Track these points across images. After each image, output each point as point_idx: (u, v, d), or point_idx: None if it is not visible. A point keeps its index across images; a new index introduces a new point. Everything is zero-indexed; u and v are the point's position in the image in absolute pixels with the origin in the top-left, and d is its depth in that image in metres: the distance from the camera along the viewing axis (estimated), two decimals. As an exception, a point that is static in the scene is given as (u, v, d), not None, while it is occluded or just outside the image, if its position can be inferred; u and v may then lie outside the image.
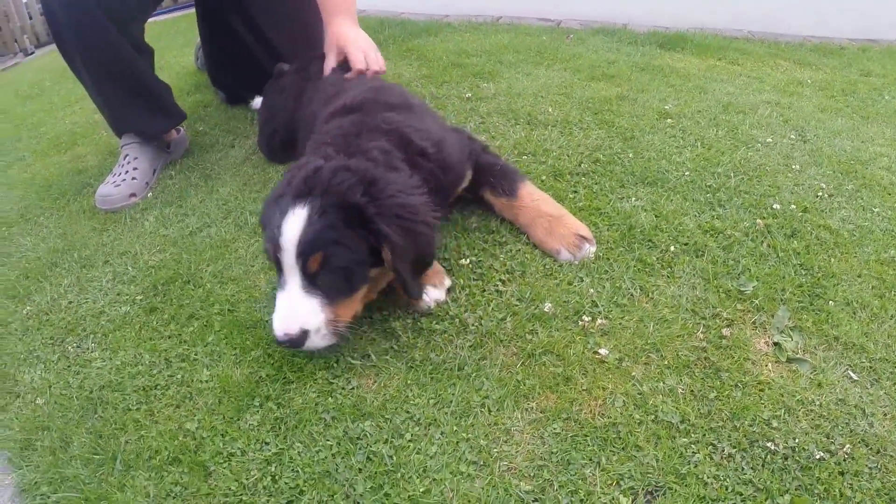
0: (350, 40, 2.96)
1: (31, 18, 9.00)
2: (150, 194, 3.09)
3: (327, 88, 2.81)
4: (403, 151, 2.11)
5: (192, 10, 4.16)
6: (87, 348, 2.16)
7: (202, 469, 1.66)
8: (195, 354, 2.02)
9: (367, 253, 1.84)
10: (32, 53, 8.65)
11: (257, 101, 3.69)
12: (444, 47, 4.78)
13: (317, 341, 1.83)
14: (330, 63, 2.99)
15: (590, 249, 2.20)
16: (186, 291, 2.31)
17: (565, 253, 2.19)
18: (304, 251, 1.78)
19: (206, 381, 1.91)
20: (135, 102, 3.21)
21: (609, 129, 3.16)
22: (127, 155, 3.21)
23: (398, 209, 1.86)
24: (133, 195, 3.05)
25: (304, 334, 1.80)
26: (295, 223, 1.79)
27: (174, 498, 1.61)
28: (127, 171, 3.11)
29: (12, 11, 8.73)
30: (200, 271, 2.40)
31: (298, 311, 1.81)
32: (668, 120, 3.24)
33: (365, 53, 2.92)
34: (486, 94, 3.71)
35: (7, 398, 2.04)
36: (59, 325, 2.29)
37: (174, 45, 5.80)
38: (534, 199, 2.33)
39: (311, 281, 1.81)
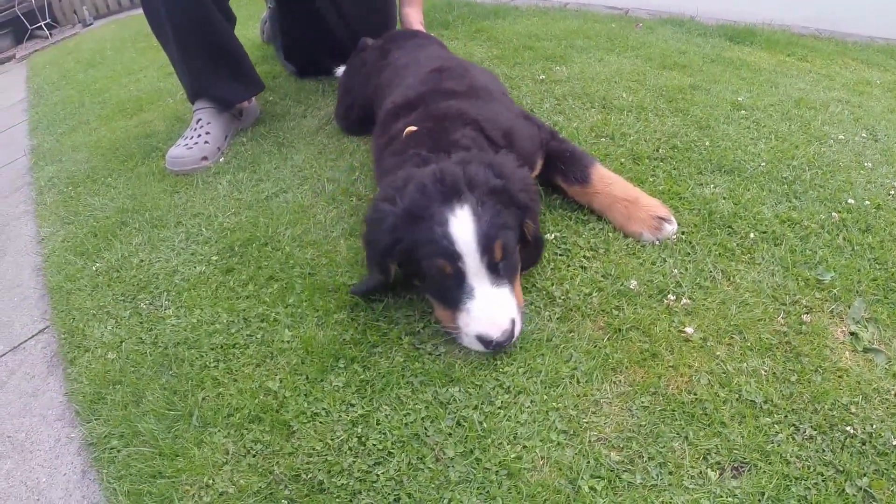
0: (412, 23, 3.49)
1: (90, -11, 9.08)
2: (221, 159, 3.12)
3: (397, 70, 2.83)
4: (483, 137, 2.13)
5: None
6: (161, 305, 2.18)
7: (285, 428, 1.67)
8: (276, 315, 2.02)
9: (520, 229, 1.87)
10: (91, 24, 8.72)
11: (340, 70, 3.71)
12: (514, 30, 4.76)
13: (518, 329, 1.80)
14: None
15: (670, 229, 2.20)
16: (265, 253, 2.32)
17: (647, 234, 2.18)
18: (487, 245, 1.76)
19: (288, 342, 1.92)
20: (217, 68, 3.24)
21: (684, 116, 3.14)
22: (200, 119, 3.24)
23: (522, 183, 1.90)
24: (205, 158, 3.08)
25: (513, 325, 1.77)
26: (465, 224, 1.75)
27: (255, 456, 1.63)
28: (199, 135, 3.14)
29: (73, -19, 8.82)
30: (279, 234, 2.41)
31: (501, 305, 1.78)
32: (742, 111, 3.22)
33: None
34: (559, 77, 3.70)
35: (76, 352, 2.07)
36: (130, 282, 2.32)
37: (239, 18, 5.84)
38: (606, 183, 2.30)
39: (496, 272, 1.79)
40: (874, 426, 1.58)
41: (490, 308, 1.76)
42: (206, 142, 3.10)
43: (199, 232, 2.53)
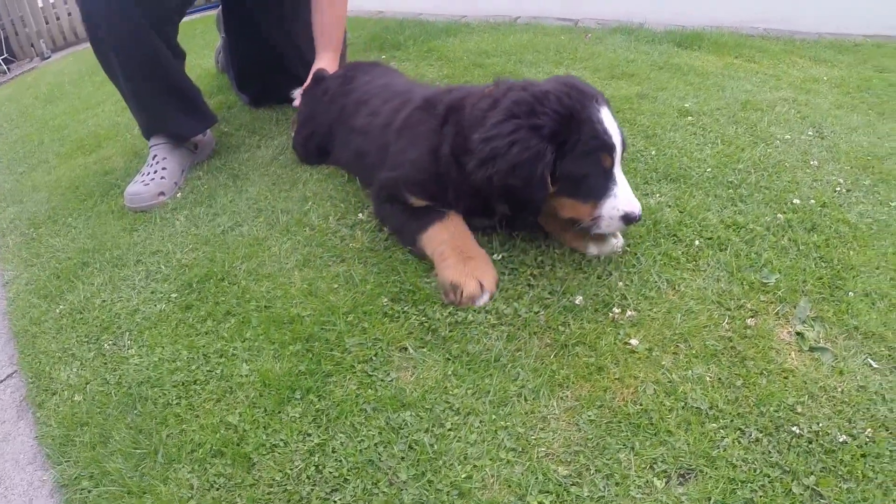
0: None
1: (47, 23, 9.08)
2: (178, 194, 3.13)
3: (371, 91, 2.93)
4: None
5: (210, 13, 4.20)
6: (124, 345, 2.20)
7: (246, 460, 1.70)
8: (234, 350, 2.06)
9: None
10: (49, 57, 8.72)
11: (297, 92, 3.72)
12: (464, 47, 4.82)
13: None
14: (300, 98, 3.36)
15: (616, 242, 2.23)
16: (222, 289, 2.34)
17: (592, 248, 2.23)
18: (624, 139, 2.08)
19: (246, 376, 1.95)
20: (169, 104, 3.26)
21: (631, 126, 3.20)
22: (156, 155, 3.25)
23: None
24: (162, 194, 3.09)
25: None
26: (613, 122, 2.04)
27: (218, 489, 1.66)
28: (156, 171, 3.16)
29: (29, 16, 8.81)
30: (235, 269, 2.43)
31: (631, 190, 2.08)
32: (689, 118, 3.28)
33: None
34: (507, 94, 3.72)
35: (44, 395, 2.09)
36: (93, 323, 2.33)
37: (194, 47, 5.83)
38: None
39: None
40: (821, 424, 1.62)
41: (630, 190, 2.06)
42: (162, 177, 3.11)
43: (159, 269, 2.54)
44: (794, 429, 1.62)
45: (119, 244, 2.80)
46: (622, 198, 2.02)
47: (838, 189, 2.61)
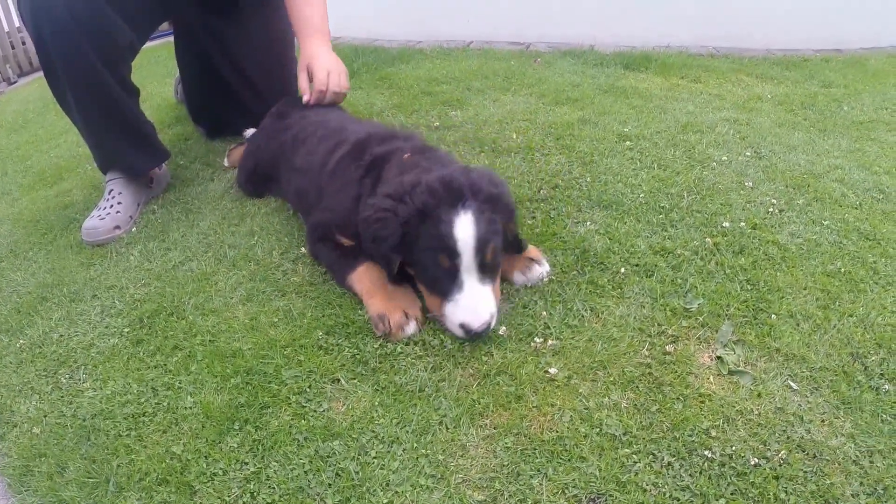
0: (317, 59, 3.21)
1: (13, 48, 9.04)
2: (133, 228, 3.18)
3: (307, 129, 3.00)
4: None
5: (171, 39, 4.24)
6: (79, 379, 2.25)
7: (188, 488, 1.78)
8: (179, 383, 2.13)
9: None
10: (15, 83, 8.69)
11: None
12: (416, 75, 4.90)
13: (494, 322, 2.08)
14: (303, 82, 3.26)
15: (540, 270, 2.33)
16: (170, 323, 2.41)
17: (518, 277, 2.33)
18: (482, 247, 2.03)
19: (190, 408, 2.02)
20: (121, 141, 3.31)
21: (569, 153, 3.29)
22: (112, 189, 3.30)
23: (507, 190, 2.25)
24: (117, 227, 3.14)
25: (492, 318, 2.05)
26: (467, 227, 2.02)
27: None
28: (112, 206, 3.21)
29: (-7, 41, 8.78)
30: (183, 304, 2.49)
31: (484, 300, 2.06)
32: (627, 142, 3.38)
33: (328, 73, 3.18)
34: (453, 123, 3.84)
35: (5, 428, 2.14)
36: (51, 357, 2.38)
37: (154, 76, 5.84)
38: None
39: (484, 271, 2.06)
40: (734, 447, 1.71)
41: (475, 301, 2.04)
42: (117, 211, 3.17)
43: (113, 304, 2.60)
44: (706, 453, 1.70)
45: (76, 279, 2.84)
46: (463, 306, 2.05)
47: (771, 210, 2.70)
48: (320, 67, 3.17)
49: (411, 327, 2.17)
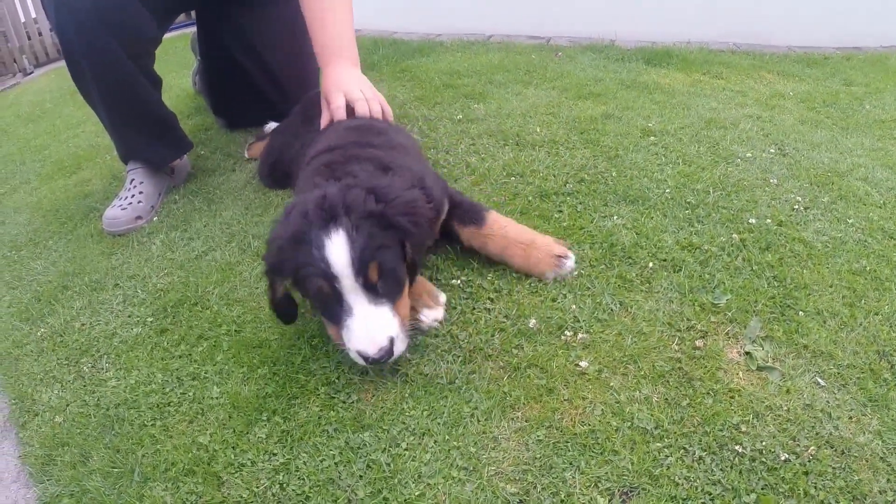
0: (342, 85, 2.84)
1: (29, 38, 9.07)
2: (155, 218, 3.20)
3: (315, 131, 2.93)
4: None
5: (187, 31, 4.20)
6: (102, 368, 2.26)
7: (215, 479, 1.77)
8: (205, 373, 2.12)
9: (402, 249, 1.98)
10: (31, 73, 8.72)
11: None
12: (437, 67, 4.88)
13: (399, 347, 1.90)
14: (324, 118, 2.89)
15: (569, 265, 2.30)
16: (195, 313, 2.40)
17: (549, 273, 2.29)
18: (361, 267, 1.84)
19: (217, 398, 2.02)
20: (144, 132, 3.31)
21: (594, 148, 3.26)
22: (133, 179, 3.31)
23: (406, 206, 2.00)
24: (139, 218, 3.15)
25: (391, 342, 1.86)
26: (339, 247, 1.84)
27: None
28: (133, 195, 3.22)
29: (11, 31, 8.80)
30: (207, 294, 2.49)
31: (378, 323, 1.87)
32: (651, 137, 3.36)
33: (350, 93, 2.80)
34: (476, 116, 3.81)
35: (26, 416, 2.14)
36: (73, 346, 2.39)
37: (172, 66, 5.91)
38: (501, 226, 2.36)
39: (374, 292, 1.88)
40: (764, 443, 1.69)
41: (367, 326, 1.86)
42: (139, 202, 3.18)
43: (136, 294, 2.59)
44: (737, 447, 1.68)
45: (98, 268, 2.84)
46: (355, 333, 1.87)
47: (796, 207, 2.68)
48: (340, 95, 2.80)
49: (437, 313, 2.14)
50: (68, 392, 2.19)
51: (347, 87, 2.80)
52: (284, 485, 1.73)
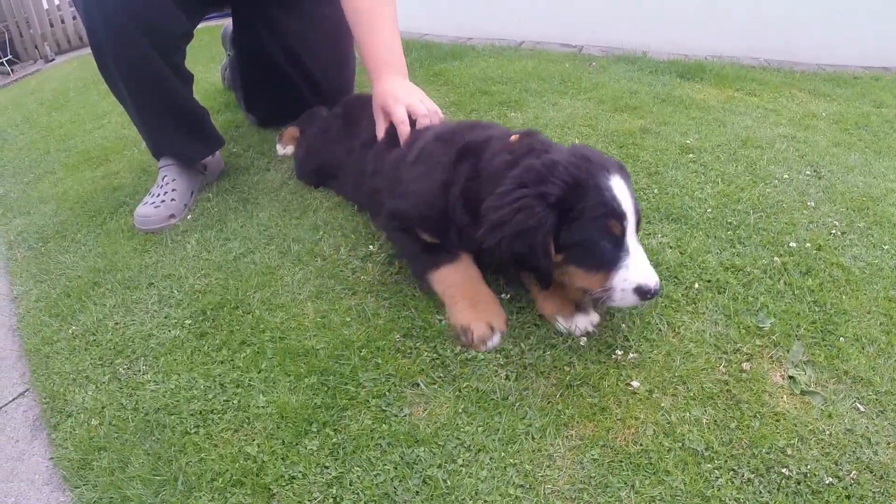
0: (401, 98, 2.75)
1: (51, 26, 9.10)
2: (189, 216, 3.18)
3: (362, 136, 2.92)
4: None
5: (216, 23, 4.17)
6: (139, 370, 2.23)
7: (266, 491, 1.75)
8: (250, 380, 2.10)
9: None
10: (53, 60, 8.75)
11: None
12: (470, 73, 4.88)
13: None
14: (380, 129, 2.81)
15: (589, 320, 2.20)
16: (236, 317, 2.38)
17: (561, 322, 2.21)
18: (636, 209, 2.00)
19: (263, 407, 2.00)
20: (175, 128, 3.30)
21: (634, 163, 3.26)
22: (165, 176, 3.30)
23: None
24: (172, 216, 3.14)
25: None
26: (623, 189, 1.98)
27: None
28: (166, 192, 3.20)
29: (34, 18, 8.84)
30: (248, 298, 2.47)
31: (648, 261, 2.00)
32: (690, 154, 3.35)
33: (413, 107, 2.71)
34: (514, 124, 3.79)
35: (59, 417, 2.12)
36: (106, 346, 2.36)
37: (200, 60, 5.90)
38: None
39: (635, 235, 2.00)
40: (809, 466, 1.71)
41: (646, 262, 1.97)
42: (172, 199, 3.17)
43: (171, 294, 2.57)
44: (783, 470, 1.70)
45: (130, 265, 2.82)
46: (635, 269, 1.95)
47: (833, 231, 2.68)
48: (399, 105, 2.72)
49: (495, 340, 2.12)
50: (103, 394, 2.16)
51: (410, 101, 2.75)
52: (339, 499, 1.72)
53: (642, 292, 1.93)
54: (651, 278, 1.93)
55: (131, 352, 2.32)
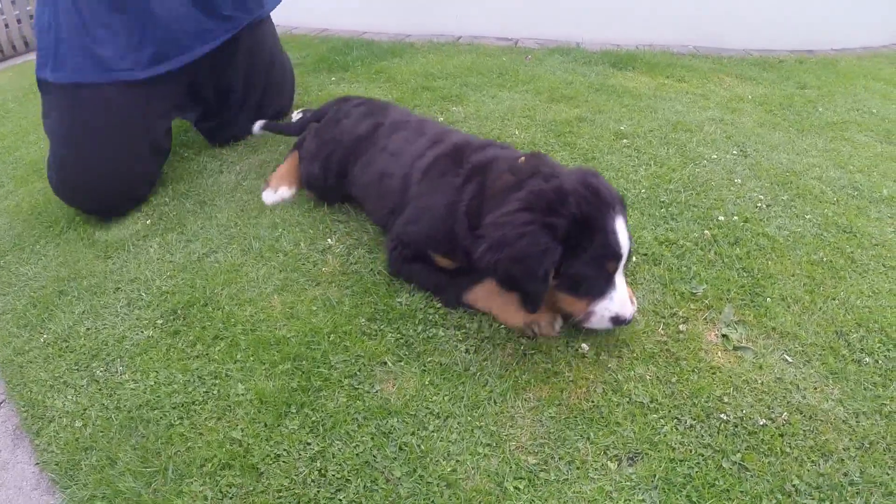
0: None
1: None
2: (147, 221, 3.19)
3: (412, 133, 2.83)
4: None
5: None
6: (117, 371, 2.28)
7: (254, 470, 1.87)
8: (227, 371, 2.19)
9: None
10: (-7, 67, 8.50)
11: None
12: (411, 69, 4.96)
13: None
14: None
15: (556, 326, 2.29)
16: (206, 314, 2.45)
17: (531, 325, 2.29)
18: (630, 251, 2.12)
19: (243, 394, 2.10)
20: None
21: (572, 150, 3.43)
22: None
23: None
24: None
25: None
26: (624, 232, 2.06)
27: (231, 498, 1.82)
28: None
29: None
30: (216, 295, 2.54)
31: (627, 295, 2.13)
32: (624, 140, 3.53)
33: None
34: (456, 118, 3.92)
35: (40, 423, 2.15)
36: (80, 351, 2.39)
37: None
38: None
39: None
40: (744, 411, 1.94)
41: (626, 296, 2.11)
42: None
43: (140, 297, 2.62)
44: (721, 416, 1.93)
45: (94, 272, 2.83)
46: (617, 301, 2.08)
47: (759, 205, 2.90)
48: None
49: (559, 323, 2.23)
50: (84, 397, 2.21)
51: None
52: (323, 471, 1.85)
53: (617, 321, 2.10)
54: (628, 310, 2.10)
55: (106, 354, 2.36)
